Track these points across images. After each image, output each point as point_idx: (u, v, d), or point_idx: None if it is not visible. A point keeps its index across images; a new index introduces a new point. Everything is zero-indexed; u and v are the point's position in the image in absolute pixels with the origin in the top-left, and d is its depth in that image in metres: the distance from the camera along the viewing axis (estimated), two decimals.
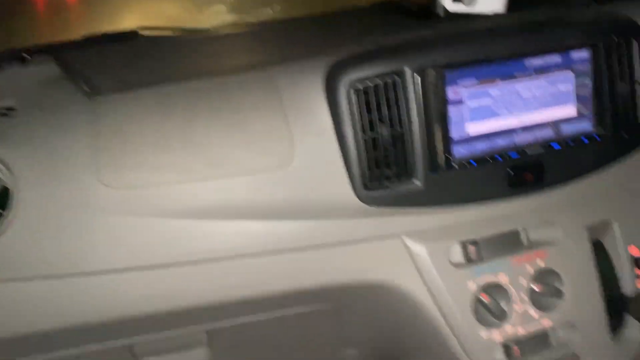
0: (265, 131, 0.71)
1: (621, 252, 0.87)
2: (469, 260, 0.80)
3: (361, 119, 0.72)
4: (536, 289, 0.80)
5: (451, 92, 0.76)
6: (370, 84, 0.73)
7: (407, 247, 0.78)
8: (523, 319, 0.80)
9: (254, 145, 0.71)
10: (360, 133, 0.72)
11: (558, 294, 0.81)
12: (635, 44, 0.83)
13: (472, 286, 0.78)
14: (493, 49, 0.78)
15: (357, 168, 0.73)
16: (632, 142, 0.85)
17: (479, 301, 0.78)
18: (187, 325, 0.79)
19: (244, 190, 0.71)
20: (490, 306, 0.78)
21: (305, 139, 0.72)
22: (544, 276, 0.81)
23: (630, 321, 0.88)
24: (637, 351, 0.88)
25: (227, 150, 0.70)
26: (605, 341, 0.85)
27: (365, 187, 0.74)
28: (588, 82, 0.81)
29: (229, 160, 0.70)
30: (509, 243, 0.82)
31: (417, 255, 0.78)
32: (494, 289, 0.79)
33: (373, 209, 0.74)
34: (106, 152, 0.68)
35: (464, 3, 0.86)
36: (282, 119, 0.72)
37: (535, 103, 0.80)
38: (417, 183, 0.75)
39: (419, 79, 0.74)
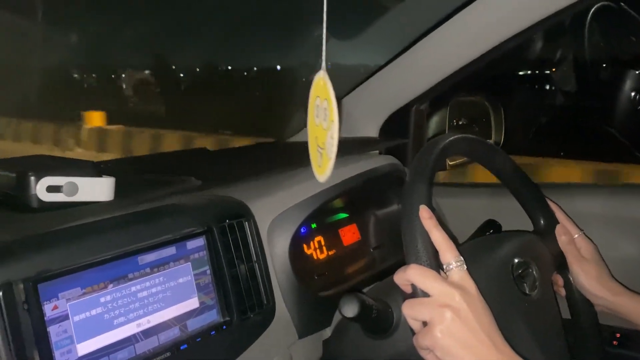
0: None
1: None
2: None
3: None
4: None
5: (50, 309, 0.62)
6: None
7: None
8: None
9: None
10: None
11: None
12: (247, 224, 0.84)
13: None
14: (99, 249, 0.67)
15: None
16: (259, 322, 0.84)
17: None
18: None
19: None
20: None
21: None
22: None
23: None
24: None
25: None
26: None
27: None
28: (207, 269, 0.78)
29: None
30: None
31: None
32: None
33: None
34: None
35: (63, 192, 0.73)
36: None
37: (155, 303, 0.72)
38: None
39: (1, 297, 0.58)
